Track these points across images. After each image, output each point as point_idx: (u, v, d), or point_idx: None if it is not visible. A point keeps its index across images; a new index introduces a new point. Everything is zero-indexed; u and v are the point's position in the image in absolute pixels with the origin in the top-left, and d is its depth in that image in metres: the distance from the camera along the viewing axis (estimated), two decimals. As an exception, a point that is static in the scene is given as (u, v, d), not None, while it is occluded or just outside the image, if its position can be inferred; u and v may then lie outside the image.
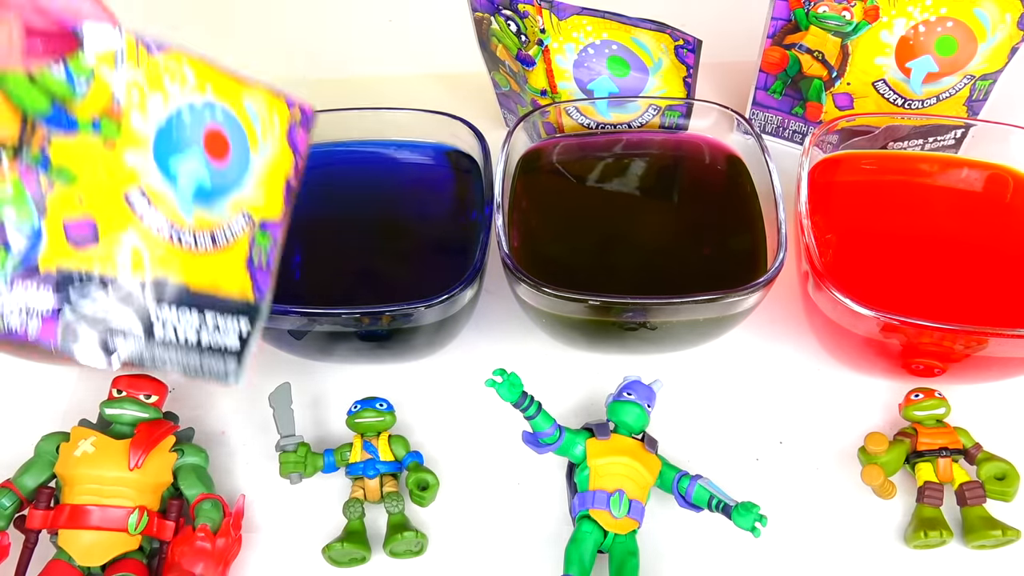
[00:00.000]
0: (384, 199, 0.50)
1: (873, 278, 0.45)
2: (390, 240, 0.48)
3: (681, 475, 0.41)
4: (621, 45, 0.50)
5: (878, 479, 0.41)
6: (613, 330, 0.44)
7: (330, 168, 0.52)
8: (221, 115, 0.35)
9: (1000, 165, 0.50)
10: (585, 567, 0.38)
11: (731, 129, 0.52)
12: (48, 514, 0.39)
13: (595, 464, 0.41)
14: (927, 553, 0.41)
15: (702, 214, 0.49)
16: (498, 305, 0.50)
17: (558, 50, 0.51)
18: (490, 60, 0.54)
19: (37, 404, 0.48)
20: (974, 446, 0.43)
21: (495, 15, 0.51)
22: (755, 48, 0.54)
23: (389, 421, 0.44)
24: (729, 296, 0.40)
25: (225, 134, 0.35)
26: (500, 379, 0.40)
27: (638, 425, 0.42)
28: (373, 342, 0.44)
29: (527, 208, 0.48)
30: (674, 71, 0.50)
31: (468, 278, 0.41)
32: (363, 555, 0.41)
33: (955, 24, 0.49)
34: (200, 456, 0.43)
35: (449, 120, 0.50)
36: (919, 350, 0.42)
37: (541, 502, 0.44)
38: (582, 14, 0.49)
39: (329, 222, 0.49)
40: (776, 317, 0.49)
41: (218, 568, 0.39)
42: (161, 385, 0.44)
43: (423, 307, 0.40)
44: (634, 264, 0.46)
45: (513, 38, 0.51)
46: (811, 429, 0.46)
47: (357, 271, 0.46)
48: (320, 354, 0.47)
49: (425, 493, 0.42)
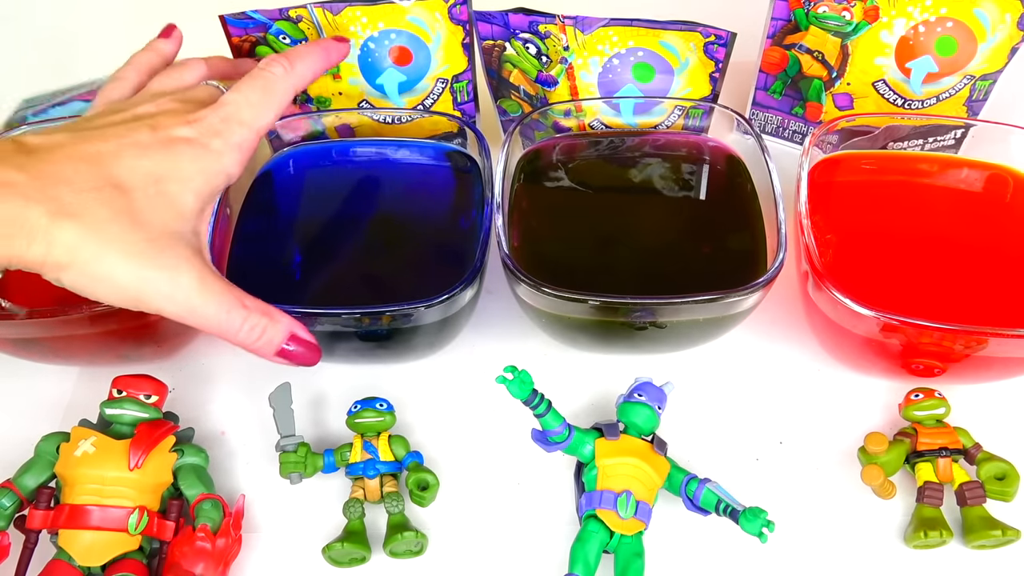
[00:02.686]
0: (384, 199, 0.50)
1: (873, 278, 0.45)
2: (390, 240, 0.48)
3: (689, 478, 0.41)
4: (647, 51, 0.50)
5: (878, 479, 0.41)
6: (613, 330, 0.44)
7: (329, 168, 0.52)
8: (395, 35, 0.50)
9: (1000, 165, 0.50)
10: (590, 567, 0.38)
11: (731, 129, 0.52)
12: (48, 514, 0.39)
13: (603, 464, 0.41)
14: (927, 553, 0.41)
15: (702, 214, 0.49)
16: (498, 305, 0.50)
17: (582, 66, 0.51)
18: (499, 87, 0.54)
19: (37, 404, 0.48)
20: (974, 446, 0.43)
21: (510, 40, 0.51)
22: (755, 48, 0.54)
23: (389, 421, 0.44)
24: (729, 296, 0.40)
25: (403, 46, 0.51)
26: (511, 376, 0.40)
27: (648, 426, 0.42)
28: (373, 342, 0.44)
29: (527, 208, 0.48)
30: (700, 69, 0.51)
31: (468, 278, 0.41)
32: (363, 555, 0.41)
33: (955, 24, 0.49)
34: (200, 456, 0.43)
35: (449, 120, 0.50)
36: (919, 350, 0.42)
37: (541, 502, 0.44)
38: (609, 25, 0.49)
39: (329, 222, 0.49)
40: (776, 317, 0.49)
41: (218, 568, 0.39)
42: (161, 385, 0.44)
43: (423, 307, 0.40)
44: (633, 264, 0.46)
45: (533, 60, 0.51)
46: (811, 429, 0.46)
47: (357, 271, 0.46)
48: None
49: (425, 493, 0.42)
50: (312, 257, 0.47)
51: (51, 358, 0.47)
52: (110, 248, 0.34)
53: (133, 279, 0.34)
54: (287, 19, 0.49)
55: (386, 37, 0.51)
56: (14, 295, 0.46)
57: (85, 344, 0.44)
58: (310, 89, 0.53)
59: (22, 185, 0.33)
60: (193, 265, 0.36)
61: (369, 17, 0.50)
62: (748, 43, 0.52)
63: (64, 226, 0.33)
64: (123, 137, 0.37)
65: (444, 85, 0.53)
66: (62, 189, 0.34)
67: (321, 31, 0.50)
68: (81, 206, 0.34)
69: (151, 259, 0.35)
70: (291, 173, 0.51)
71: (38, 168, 0.34)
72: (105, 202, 0.35)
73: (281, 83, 0.42)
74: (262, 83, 0.42)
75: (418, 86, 0.53)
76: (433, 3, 0.49)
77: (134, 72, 0.45)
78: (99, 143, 0.36)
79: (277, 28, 0.50)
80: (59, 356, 0.46)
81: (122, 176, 0.36)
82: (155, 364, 0.48)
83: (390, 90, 0.53)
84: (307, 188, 0.51)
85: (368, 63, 0.52)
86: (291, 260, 0.47)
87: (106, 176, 0.35)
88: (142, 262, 0.35)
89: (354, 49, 0.51)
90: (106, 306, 0.40)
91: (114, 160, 0.36)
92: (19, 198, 0.33)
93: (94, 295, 0.35)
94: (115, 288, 0.34)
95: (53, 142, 0.36)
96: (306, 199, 0.50)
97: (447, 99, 0.54)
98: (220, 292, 0.36)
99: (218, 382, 0.49)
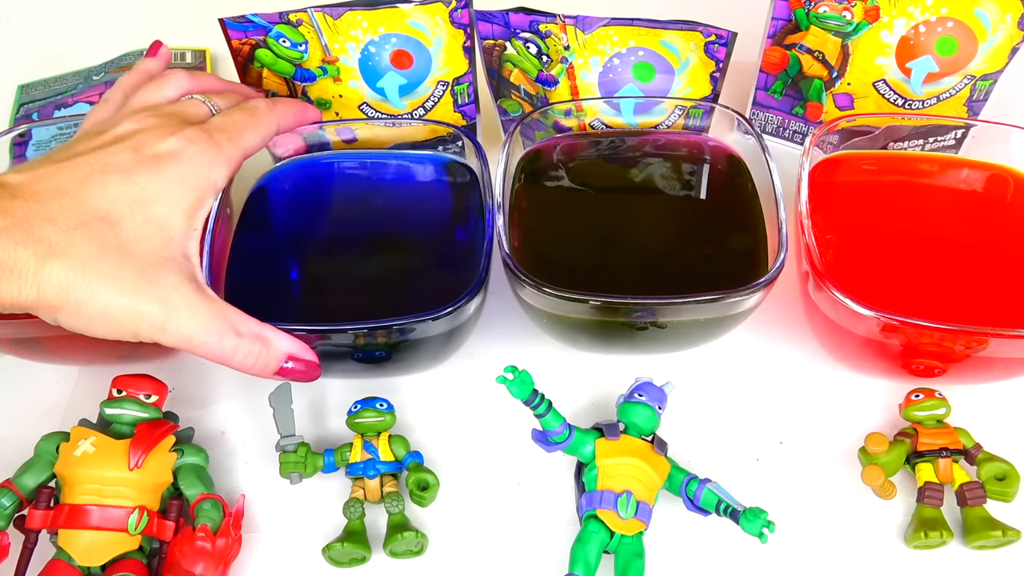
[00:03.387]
0: (383, 211, 0.50)
1: (873, 278, 0.45)
2: (392, 252, 0.47)
3: (690, 478, 0.41)
4: (648, 50, 0.50)
5: (878, 479, 0.41)
6: (614, 330, 0.44)
7: (326, 180, 0.51)
8: (395, 39, 0.50)
9: (1000, 165, 0.50)
10: (590, 567, 0.38)
11: (732, 129, 0.52)
12: (48, 514, 0.39)
13: (604, 464, 0.41)
14: (927, 553, 0.41)
15: (702, 214, 0.49)
16: (498, 305, 0.50)
17: (583, 66, 0.51)
18: (500, 87, 0.54)
19: (37, 404, 0.48)
20: (974, 446, 0.43)
21: (511, 40, 0.51)
22: (755, 48, 0.54)
23: (389, 421, 0.44)
24: (730, 296, 0.40)
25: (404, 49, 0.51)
26: (511, 376, 0.40)
27: (648, 426, 0.42)
28: (378, 357, 0.44)
29: (528, 208, 0.48)
30: (701, 68, 0.51)
31: (474, 288, 0.40)
32: (363, 555, 0.41)
33: (955, 24, 0.49)
34: (200, 456, 0.43)
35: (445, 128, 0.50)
36: (919, 350, 0.42)
37: (541, 502, 0.44)
38: (610, 24, 0.49)
39: (328, 236, 0.48)
40: (776, 317, 0.49)
41: (218, 568, 0.39)
42: (161, 385, 0.44)
43: (430, 319, 0.40)
44: (634, 264, 0.46)
45: (533, 60, 0.51)
46: (811, 429, 0.46)
47: (359, 284, 0.46)
48: None
49: (425, 493, 0.42)
50: (312, 272, 0.46)
51: (51, 358, 0.47)
52: (101, 286, 0.34)
53: (127, 315, 0.34)
54: (287, 23, 0.49)
55: (387, 41, 0.50)
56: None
57: (85, 344, 0.44)
58: (311, 92, 0.53)
59: (9, 229, 0.33)
60: (183, 294, 0.36)
61: (370, 21, 0.50)
62: (748, 43, 0.52)
63: (53, 267, 0.33)
64: (106, 161, 0.37)
65: (445, 88, 0.53)
66: (48, 229, 0.33)
67: (321, 35, 0.50)
68: (68, 244, 0.34)
69: (142, 292, 0.35)
70: (287, 187, 0.50)
71: (24, 209, 0.33)
72: (93, 238, 0.34)
73: (266, 115, 0.43)
74: (249, 109, 0.43)
75: (419, 89, 0.53)
76: (434, 7, 0.49)
77: (122, 95, 0.44)
78: (82, 170, 0.36)
79: (277, 32, 0.50)
80: (59, 356, 0.46)
81: (108, 207, 0.35)
82: (155, 364, 0.48)
83: (391, 93, 0.53)
84: (305, 202, 0.50)
85: (368, 66, 0.52)
86: (289, 276, 0.46)
87: (92, 210, 0.35)
88: (134, 296, 0.34)
89: (354, 53, 0.51)
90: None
91: (99, 190, 0.36)
92: (8, 242, 0.32)
93: (91, 333, 0.35)
94: (110, 325, 0.35)
95: (36, 177, 0.35)
96: (304, 213, 0.50)
97: (448, 101, 0.54)
98: (212, 319, 0.36)
99: (218, 382, 0.49)
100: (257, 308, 0.38)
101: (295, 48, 0.50)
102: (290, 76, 0.52)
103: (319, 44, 0.50)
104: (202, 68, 0.63)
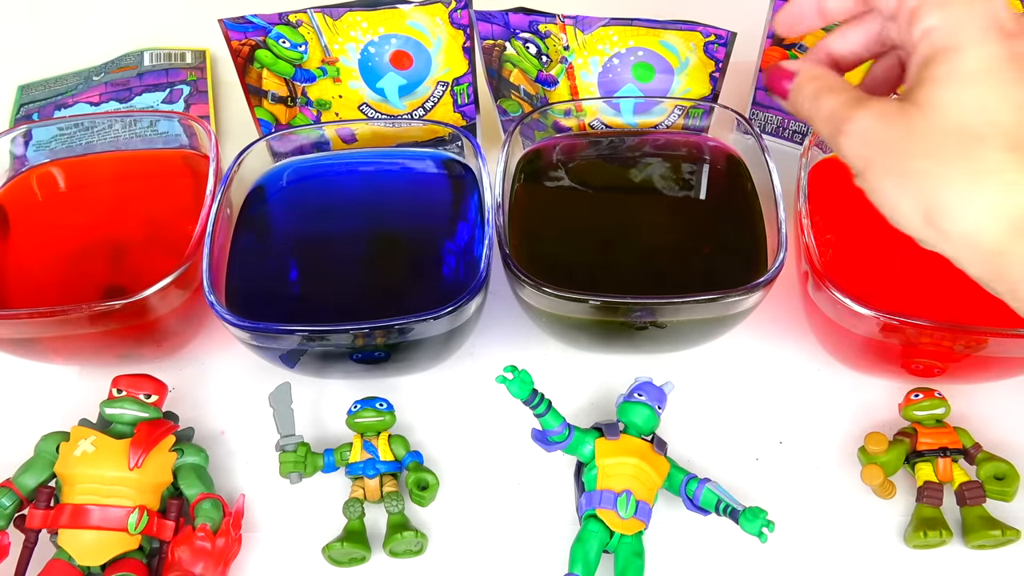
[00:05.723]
0: (383, 211, 0.50)
1: (873, 278, 0.45)
2: (391, 252, 0.47)
3: (689, 478, 0.41)
4: (648, 50, 0.50)
5: (878, 479, 0.41)
6: (614, 330, 0.44)
7: (326, 180, 0.51)
8: (395, 39, 0.50)
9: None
10: (590, 567, 0.38)
11: (731, 129, 0.52)
12: (48, 514, 0.39)
13: (603, 464, 0.41)
14: (927, 553, 0.41)
15: (702, 214, 0.49)
16: (498, 305, 0.50)
17: (582, 66, 0.51)
18: (500, 87, 0.54)
19: (37, 404, 0.48)
20: (974, 446, 0.43)
21: (510, 40, 0.51)
22: (755, 48, 0.54)
23: (389, 421, 0.44)
24: (730, 296, 0.40)
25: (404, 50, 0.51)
26: (511, 375, 0.40)
27: (647, 426, 0.42)
28: (378, 358, 0.44)
29: (527, 208, 0.48)
30: (700, 68, 0.51)
31: (474, 288, 0.40)
32: (363, 555, 0.41)
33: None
34: (200, 456, 0.43)
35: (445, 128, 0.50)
36: (919, 350, 0.42)
37: (541, 502, 0.44)
38: (610, 25, 0.49)
39: (327, 236, 0.48)
40: (776, 317, 0.49)
41: (218, 568, 0.39)
42: (161, 385, 0.44)
43: (430, 319, 0.39)
44: (635, 264, 0.46)
45: (533, 60, 0.51)
46: (811, 429, 0.46)
47: (359, 284, 0.46)
48: (319, 372, 0.46)
49: (425, 493, 0.42)
50: (312, 272, 0.46)
51: (51, 358, 0.47)
52: None
53: None
54: (287, 23, 0.49)
55: (386, 42, 0.51)
56: (14, 295, 0.46)
57: (85, 344, 0.44)
58: (311, 93, 0.53)
59: None
60: None
61: (369, 22, 0.50)
62: (748, 43, 0.52)
63: None
64: None
65: (445, 88, 0.53)
66: None
67: (321, 36, 0.50)
68: None
69: None
70: (286, 187, 0.50)
71: None
72: None
73: None
74: None
75: (418, 89, 0.53)
76: (434, 8, 0.49)
77: None
78: None
79: (277, 32, 0.50)
80: (59, 356, 0.46)
81: None
82: (155, 364, 0.48)
83: (390, 94, 0.53)
84: (305, 202, 0.50)
85: (368, 67, 0.52)
86: (289, 276, 0.46)
87: None
88: None
89: (354, 53, 0.51)
90: (105, 305, 0.40)
91: None
92: None
93: None
94: None
95: None
96: (304, 213, 0.50)
97: (448, 102, 0.54)
98: None
99: (218, 382, 0.49)
100: (257, 308, 0.38)
101: (295, 49, 0.50)
102: (290, 77, 0.52)
103: (319, 45, 0.50)
104: (202, 68, 0.63)
